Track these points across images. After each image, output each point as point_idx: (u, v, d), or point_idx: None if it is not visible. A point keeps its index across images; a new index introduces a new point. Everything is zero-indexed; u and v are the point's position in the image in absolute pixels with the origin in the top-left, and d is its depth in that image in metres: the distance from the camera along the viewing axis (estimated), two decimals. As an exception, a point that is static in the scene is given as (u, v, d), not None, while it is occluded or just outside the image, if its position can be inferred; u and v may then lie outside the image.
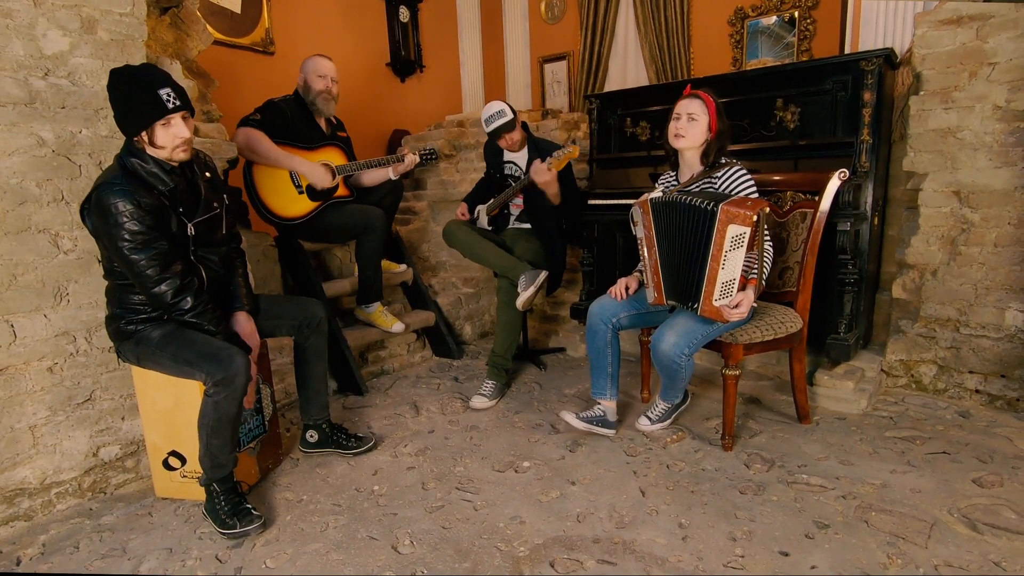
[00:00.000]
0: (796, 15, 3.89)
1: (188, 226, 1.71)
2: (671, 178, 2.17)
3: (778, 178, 2.39)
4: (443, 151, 3.65)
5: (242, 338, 1.80)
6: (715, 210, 1.79)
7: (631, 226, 2.09)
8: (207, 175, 1.80)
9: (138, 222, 1.56)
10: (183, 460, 1.87)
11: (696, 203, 1.85)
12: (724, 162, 2.02)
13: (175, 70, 2.12)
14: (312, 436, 2.13)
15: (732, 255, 1.81)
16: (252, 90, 3.61)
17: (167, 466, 1.89)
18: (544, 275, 2.51)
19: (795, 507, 1.69)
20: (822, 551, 1.50)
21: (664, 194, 1.98)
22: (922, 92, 2.34)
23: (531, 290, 2.46)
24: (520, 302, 2.49)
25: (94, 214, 1.59)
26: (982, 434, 2.08)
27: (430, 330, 3.27)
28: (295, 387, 2.17)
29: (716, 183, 1.99)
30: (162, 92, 1.58)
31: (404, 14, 4.78)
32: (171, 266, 1.64)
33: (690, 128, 1.99)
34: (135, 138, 1.61)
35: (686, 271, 1.91)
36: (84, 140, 1.85)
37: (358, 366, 2.82)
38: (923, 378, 2.47)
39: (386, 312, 2.98)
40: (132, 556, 1.63)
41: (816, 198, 2.06)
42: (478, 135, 3.63)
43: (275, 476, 2.03)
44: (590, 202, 2.91)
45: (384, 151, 4.59)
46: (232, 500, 1.71)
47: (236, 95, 3.54)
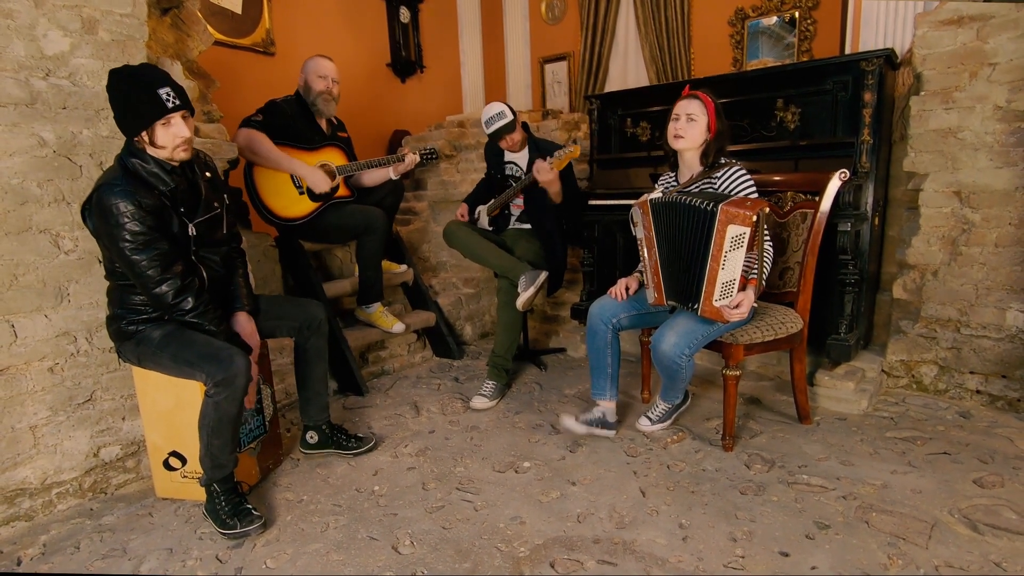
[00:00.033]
0: (796, 15, 3.89)
1: (189, 226, 1.71)
2: (671, 179, 2.17)
3: (778, 178, 2.39)
4: (444, 151, 3.65)
5: (243, 338, 1.80)
6: (715, 210, 1.79)
7: (631, 227, 2.09)
8: (207, 175, 1.80)
9: (139, 223, 1.57)
10: (184, 460, 1.87)
11: (696, 203, 1.85)
12: (723, 162, 2.02)
13: (176, 71, 2.13)
14: (312, 437, 2.13)
15: (732, 255, 1.81)
16: (253, 91, 3.62)
17: (168, 466, 1.89)
18: (544, 275, 2.51)
19: (795, 507, 1.69)
20: (822, 551, 1.50)
21: (664, 195, 1.98)
22: (923, 92, 2.34)
23: (531, 290, 2.46)
24: (520, 302, 2.49)
25: (95, 215, 1.59)
26: (983, 435, 2.08)
27: (430, 330, 3.28)
28: (295, 387, 2.17)
29: (716, 183, 1.99)
30: (161, 91, 1.58)
31: (404, 14, 4.78)
32: (172, 267, 1.64)
33: (689, 129, 1.99)
34: (135, 138, 1.61)
35: (686, 271, 1.91)
36: (85, 140, 1.85)
37: (358, 366, 2.82)
38: (924, 378, 2.47)
39: (386, 312, 2.98)
40: (133, 556, 1.63)
41: (816, 198, 2.05)
42: (478, 135, 3.63)
43: (275, 476, 2.03)
44: (590, 202, 2.91)
45: (384, 151, 4.59)
46: (232, 500, 1.71)
47: (237, 96, 3.54)
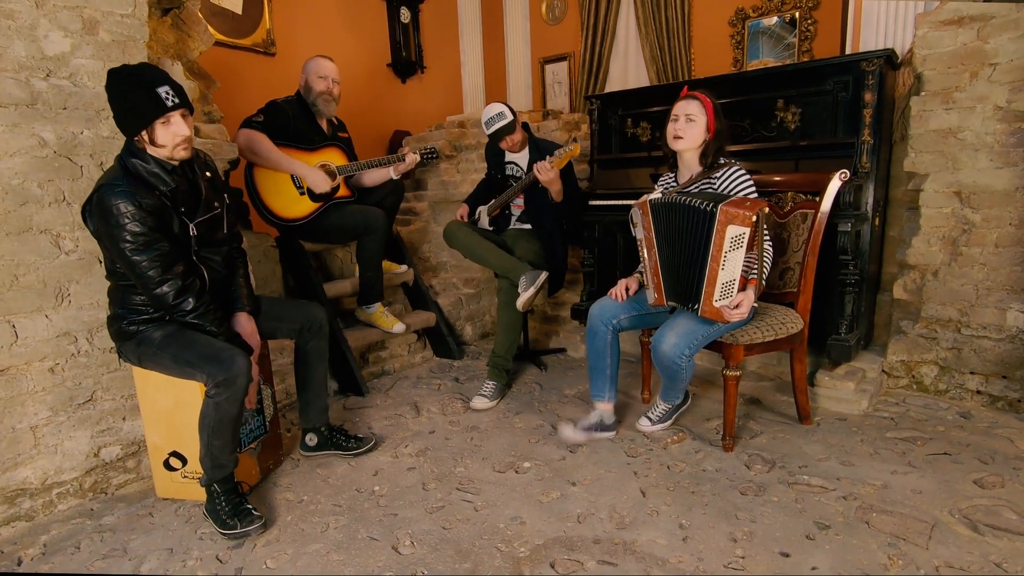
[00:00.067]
0: (797, 16, 3.89)
1: (190, 226, 1.71)
2: (670, 179, 2.17)
3: (779, 179, 2.39)
4: (444, 152, 3.66)
5: (243, 339, 1.80)
6: (714, 211, 1.79)
7: (631, 227, 2.09)
8: (208, 175, 1.80)
9: (139, 223, 1.57)
10: (184, 460, 1.87)
11: (695, 204, 1.84)
12: (723, 162, 2.02)
13: (176, 71, 2.13)
14: (311, 439, 2.13)
15: (732, 255, 1.81)
16: (253, 91, 3.63)
17: (168, 466, 1.89)
18: (544, 276, 2.51)
19: (796, 508, 1.69)
20: (823, 552, 1.50)
21: (663, 195, 1.98)
22: (923, 93, 2.34)
23: (531, 291, 2.46)
24: (520, 303, 2.49)
25: (96, 215, 1.59)
26: (983, 435, 2.08)
27: (431, 331, 3.28)
28: (295, 388, 2.17)
29: (715, 183, 1.99)
30: (160, 90, 1.58)
31: (405, 15, 4.79)
32: (173, 267, 1.64)
33: (688, 129, 1.99)
34: (135, 138, 1.62)
35: (686, 272, 1.91)
36: (85, 141, 1.86)
37: (359, 367, 2.82)
38: (924, 379, 2.47)
39: (387, 313, 2.98)
40: (133, 556, 1.63)
41: (817, 199, 2.05)
42: (479, 136, 3.64)
43: (276, 476, 2.03)
44: (591, 203, 2.91)
45: (385, 152, 4.59)
46: (233, 500, 1.71)
47: (237, 96, 3.55)
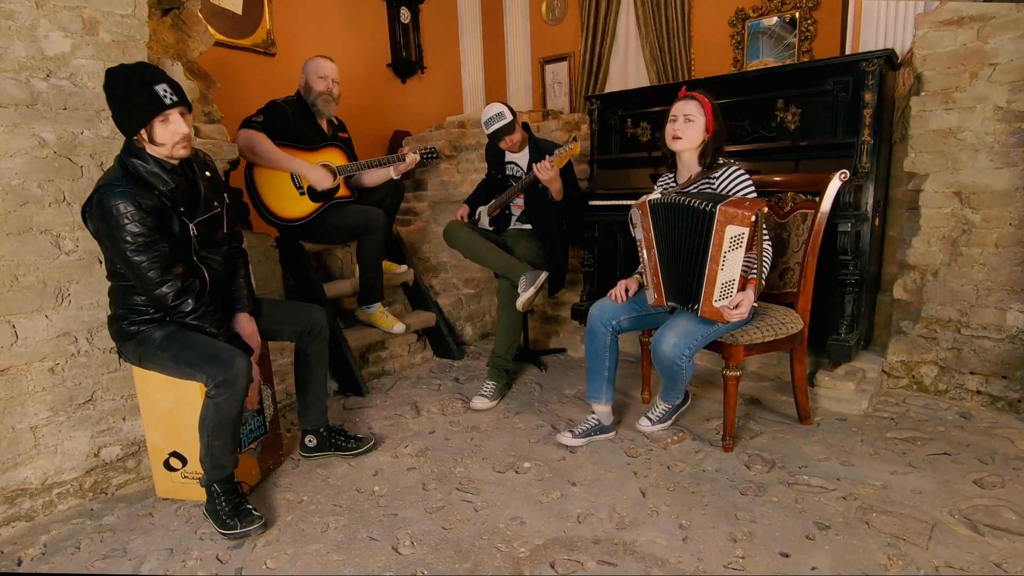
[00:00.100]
0: (797, 16, 3.89)
1: (190, 226, 1.71)
2: (669, 179, 2.17)
3: (779, 179, 2.39)
4: (444, 152, 3.66)
5: (243, 339, 1.80)
6: (713, 211, 1.79)
7: (630, 228, 2.09)
8: (207, 174, 1.80)
9: (139, 223, 1.57)
10: (184, 461, 1.87)
11: (694, 204, 1.84)
12: (722, 162, 2.03)
13: (176, 71, 2.13)
14: (311, 441, 2.13)
15: (731, 255, 1.81)
16: (253, 91, 3.63)
17: (168, 467, 1.89)
18: (544, 276, 2.51)
19: (796, 508, 1.69)
20: (823, 552, 1.50)
21: (662, 195, 1.98)
22: (923, 93, 2.34)
23: (531, 291, 2.46)
24: (520, 303, 2.49)
25: (96, 216, 1.59)
26: (983, 435, 2.08)
27: (431, 331, 3.28)
28: (295, 388, 2.17)
29: (714, 183, 1.99)
30: (158, 88, 1.58)
31: (405, 15, 4.79)
32: (172, 268, 1.64)
33: (687, 129, 1.99)
34: (134, 137, 1.62)
35: (685, 272, 1.91)
36: (86, 141, 1.86)
37: (359, 367, 2.83)
38: (924, 379, 2.47)
39: (387, 313, 2.98)
40: (133, 556, 1.63)
41: (817, 199, 2.05)
42: (479, 136, 3.64)
43: (276, 477, 2.03)
44: (591, 203, 2.91)
45: (385, 152, 4.59)
46: (233, 501, 1.71)
47: (237, 96, 3.55)
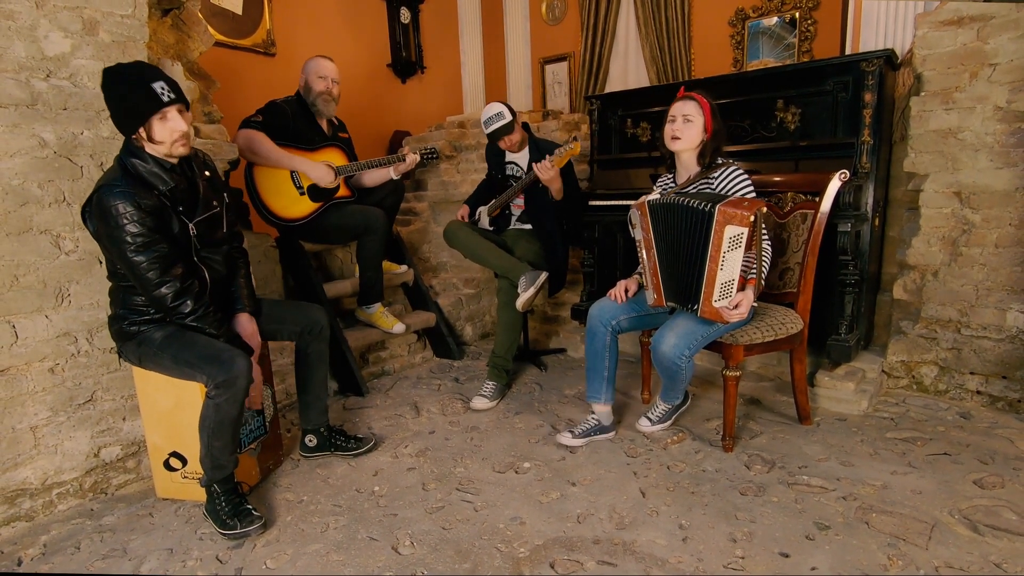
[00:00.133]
0: (797, 16, 3.89)
1: (190, 225, 1.71)
2: (668, 180, 2.17)
3: (779, 179, 2.39)
4: (444, 152, 3.66)
5: (244, 339, 1.80)
6: (712, 211, 1.79)
7: (629, 228, 2.09)
8: (206, 174, 1.80)
9: (139, 224, 1.57)
10: (184, 461, 1.87)
11: (693, 204, 1.84)
12: (720, 162, 2.03)
13: (176, 71, 2.13)
14: (311, 440, 2.13)
15: (730, 256, 1.81)
16: (253, 91, 3.63)
17: (168, 467, 1.89)
18: (544, 276, 2.51)
19: (796, 508, 1.69)
20: (823, 552, 1.50)
21: (661, 196, 1.98)
22: (923, 93, 2.34)
23: (531, 291, 2.46)
24: (520, 303, 2.49)
25: (95, 216, 1.59)
26: (983, 435, 2.08)
27: (431, 331, 3.28)
28: (295, 389, 2.17)
29: (713, 184, 1.99)
30: (155, 86, 1.58)
31: (405, 15, 4.79)
32: (171, 269, 1.64)
33: (686, 130, 1.99)
34: (133, 136, 1.62)
35: (685, 273, 1.91)
36: (85, 141, 1.86)
37: (359, 367, 2.83)
38: (924, 379, 2.47)
39: (387, 313, 2.98)
40: (133, 556, 1.63)
41: (817, 199, 2.05)
42: (479, 136, 3.64)
43: (276, 477, 2.03)
44: (591, 203, 2.91)
45: (385, 152, 4.60)
46: (233, 501, 1.71)
47: (237, 96, 3.55)
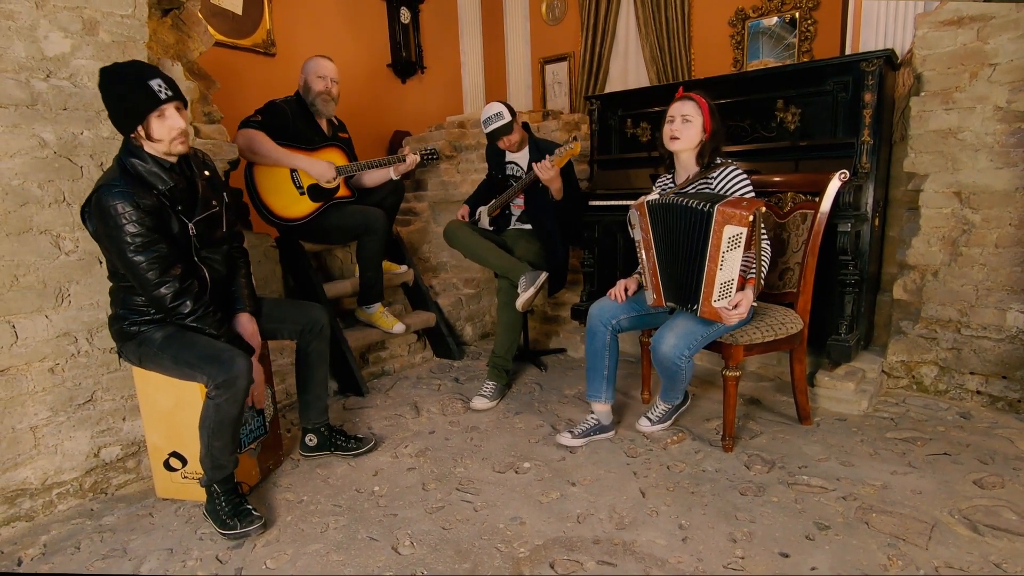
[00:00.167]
0: (797, 16, 3.89)
1: (189, 225, 1.71)
2: (667, 180, 2.17)
3: (779, 179, 2.39)
4: (444, 152, 3.66)
5: (244, 339, 1.80)
6: (711, 211, 1.79)
7: (629, 229, 2.09)
8: (206, 173, 1.80)
9: (138, 224, 1.57)
10: (184, 461, 1.87)
11: (692, 205, 1.84)
12: (720, 162, 2.03)
13: (176, 72, 2.13)
14: (311, 440, 2.13)
15: (730, 255, 1.81)
16: (253, 91, 3.63)
17: (168, 467, 1.89)
18: (544, 276, 2.51)
19: (795, 508, 1.69)
20: (822, 552, 1.50)
21: (660, 196, 1.98)
22: (923, 93, 2.34)
23: (531, 291, 2.46)
24: (520, 303, 2.49)
25: (94, 216, 1.59)
26: (983, 435, 2.08)
27: (431, 331, 3.28)
28: (295, 388, 2.17)
29: (712, 184, 1.99)
30: (152, 83, 1.58)
31: (405, 15, 4.79)
32: (171, 269, 1.64)
33: (685, 130, 1.99)
34: (132, 135, 1.62)
35: (684, 273, 1.91)
36: (85, 141, 1.86)
37: (359, 367, 2.83)
38: (924, 379, 2.47)
39: (387, 313, 2.98)
40: (133, 556, 1.63)
41: (817, 199, 2.05)
42: (479, 136, 3.64)
43: (276, 477, 2.03)
44: (591, 203, 2.91)
45: (385, 152, 4.60)
46: (233, 501, 1.71)
47: (237, 96, 3.55)
